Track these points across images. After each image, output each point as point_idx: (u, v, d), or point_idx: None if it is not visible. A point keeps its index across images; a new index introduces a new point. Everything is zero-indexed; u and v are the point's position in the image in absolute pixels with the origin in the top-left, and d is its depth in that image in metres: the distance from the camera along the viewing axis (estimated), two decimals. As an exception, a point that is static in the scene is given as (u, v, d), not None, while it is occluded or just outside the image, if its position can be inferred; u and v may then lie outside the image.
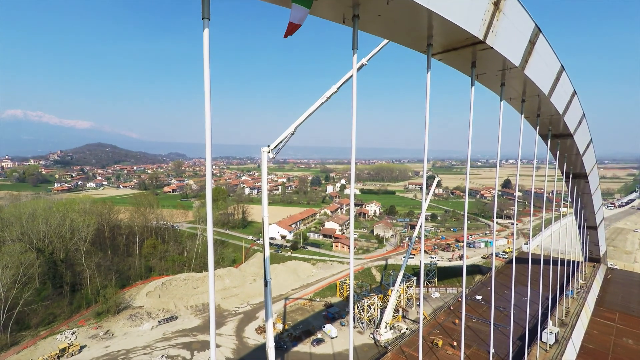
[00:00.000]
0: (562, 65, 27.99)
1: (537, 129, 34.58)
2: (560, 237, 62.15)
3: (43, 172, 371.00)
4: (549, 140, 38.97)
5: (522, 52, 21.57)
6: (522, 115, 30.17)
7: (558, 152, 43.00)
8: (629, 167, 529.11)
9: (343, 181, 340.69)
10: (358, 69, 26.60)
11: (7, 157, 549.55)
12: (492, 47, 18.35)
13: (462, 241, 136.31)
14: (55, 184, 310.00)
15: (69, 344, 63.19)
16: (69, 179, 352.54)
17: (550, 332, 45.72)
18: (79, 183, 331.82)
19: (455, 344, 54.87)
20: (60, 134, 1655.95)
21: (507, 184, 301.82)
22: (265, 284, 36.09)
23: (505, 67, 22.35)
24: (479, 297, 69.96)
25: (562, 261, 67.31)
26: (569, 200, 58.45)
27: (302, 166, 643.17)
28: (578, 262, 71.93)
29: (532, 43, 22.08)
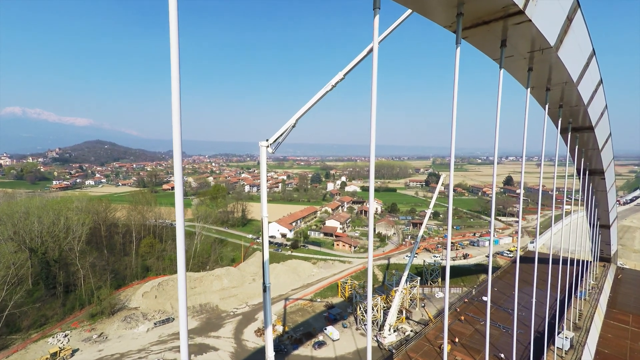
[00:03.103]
0: (593, 48, 25.26)
1: (560, 122, 31.88)
2: (569, 236, 59.68)
3: (41, 170, 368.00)
4: (569, 134, 36.25)
5: (559, 29, 18.84)
6: (547, 107, 27.44)
7: (577, 147, 40.34)
8: (630, 164, 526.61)
9: (343, 178, 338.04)
10: (368, 52, 23.88)
11: (5, 154, 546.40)
12: (530, 20, 15.63)
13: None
14: (54, 182, 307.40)
15: (60, 347, 60.77)
16: (68, 177, 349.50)
17: (566, 338, 43.25)
18: (78, 180, 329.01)
19: (457, 340, 52.57)
20: (59, 132, 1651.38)
21: (509, 181, 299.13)
22: (264, 289, 33.55)
23: (537, 48, 19.60)
24: (486, 299, 67.45)
25: (572, 261, 64.88)
26: (582, 197, 55.79)
27: (302, 163, 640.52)
28: (587, 261, 69.52)
29: (569, 19, 19.34)
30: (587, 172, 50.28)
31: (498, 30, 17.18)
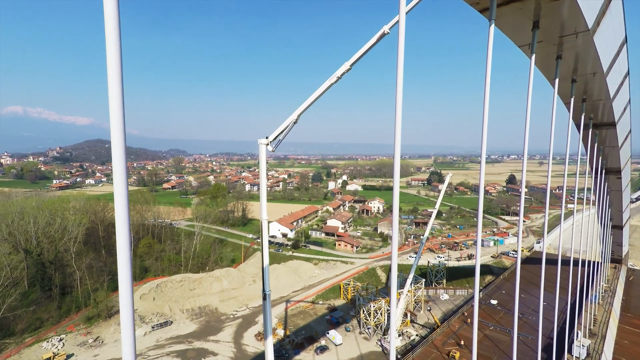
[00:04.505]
0: (626, 34, 22.92)
1: (582, 118, 29.59)
2: (580, 236, 57.34)
3: (42, 169, 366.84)
4: (590, 130, 33.94)
5: (598, 9, 16.52)
6: (572, 100, 25.12)
7: (596, 144, 37.98)
8: (634, 162, 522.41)
9: (345, 177, 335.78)
10: (379, 39, 21.62)
11: (6, 153, 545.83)
12: (572, -6, 13.38)
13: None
14: (54, 181, 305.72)
15: (54, 353, 58.92)
16: (68, 176, 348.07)
17: (583, 346, 41.02)
18: (78, 179, 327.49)
19: (462, 342, 50.71)
20: (60, 131, 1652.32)
21: (511, 179, 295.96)
22: (264, 297, 31.42)
23: (571, 31, 17.28)
24: (494, 302, 65.28)
25: (582, 262, 62.50)
26: (596, 197, 53.38)
27: (303, 162, 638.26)
28: (598, 262, 67.19)
29: (608, -1, 17.07)
30: (604, 171, 47.95)
31: (531, 8, 14.97)
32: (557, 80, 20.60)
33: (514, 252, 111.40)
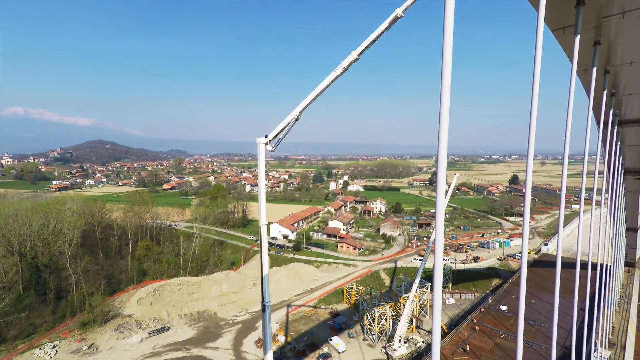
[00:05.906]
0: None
1: (611, 113, 27.12)
2: (592, 238, 54.59)
3: (42, 170, 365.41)
4: (615, 127, 31.45)
5: (652, -18, 14.13)
6: (605, 92, 22.69)
7: (619, 143, 35.46)
8: None
9: (346, 177, 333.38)
10: (391, 23, 19.25)
11: (7, 154, 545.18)
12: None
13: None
14: (54, 182, 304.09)
15: (46, 362, 56.73)
16: (68, 177, 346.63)
17: (603, 358, 38.50)
18: (78, 180, 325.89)
19: (468, 348, 48.22)
20: (61, 132, 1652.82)
21: (514, 180, 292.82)
22: (264, 309, 29.12)
23: (617, 10, 14.90)
24: (504, 308, 62.76)
25: (594, 265, 59.94)
26: (610, 198, 50.69)
27: (304, 162, 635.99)
28: (610, 266, 64.41)
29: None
30: (622, 172, 45.35)
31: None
32: (594, 70, 18.15)
33: (519, 255, 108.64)
